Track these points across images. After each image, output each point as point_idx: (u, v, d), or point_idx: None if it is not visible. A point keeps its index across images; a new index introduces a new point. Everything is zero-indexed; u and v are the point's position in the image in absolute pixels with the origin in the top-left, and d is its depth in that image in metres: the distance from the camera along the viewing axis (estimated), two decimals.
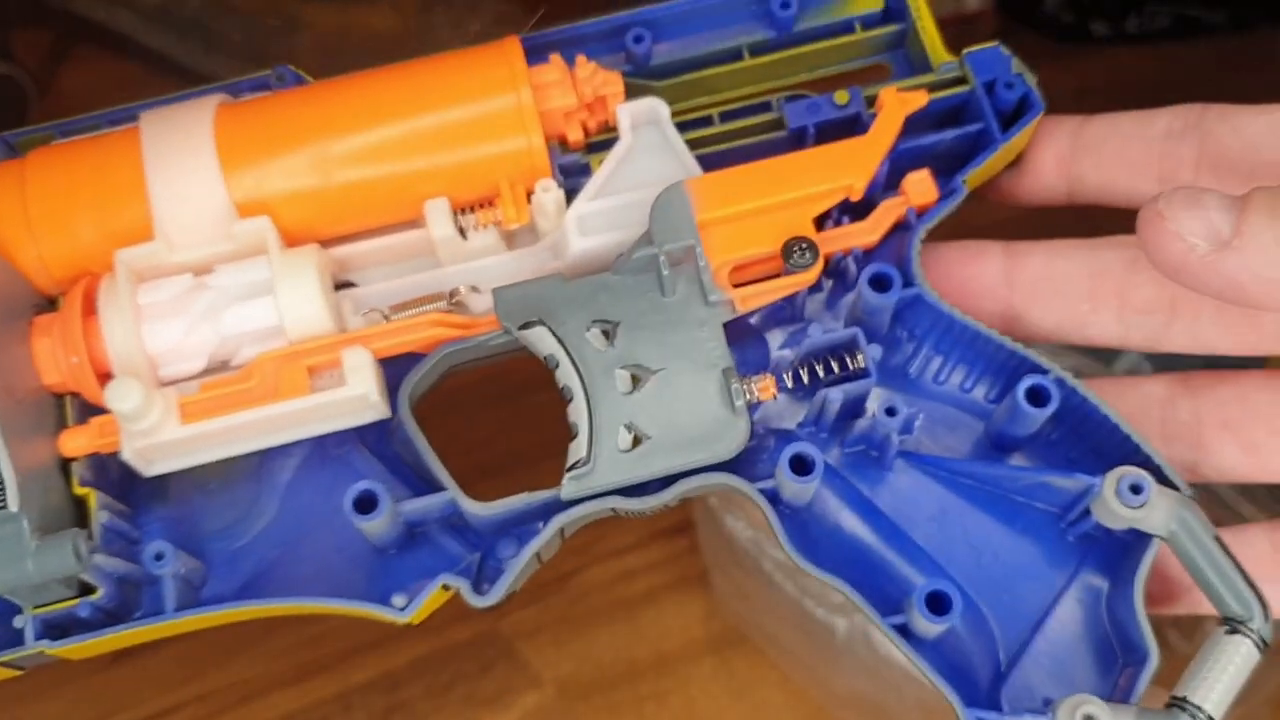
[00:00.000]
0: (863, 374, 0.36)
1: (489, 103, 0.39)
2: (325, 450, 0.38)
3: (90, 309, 0.37)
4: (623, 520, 0.37)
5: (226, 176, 0.37)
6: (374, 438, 0.38)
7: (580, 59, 0.40)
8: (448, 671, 0.50)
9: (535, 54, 0.40)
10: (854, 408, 0.37)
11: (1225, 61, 0.70)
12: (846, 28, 0.44)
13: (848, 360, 0.36)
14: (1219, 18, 0.71)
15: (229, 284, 0.37)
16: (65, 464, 0.36)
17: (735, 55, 0.43)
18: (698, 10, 0.43)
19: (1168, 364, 0.45)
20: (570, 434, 0.37)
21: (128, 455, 0.35)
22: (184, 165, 0.37)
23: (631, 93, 0.41)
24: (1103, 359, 0.61)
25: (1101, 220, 0.41)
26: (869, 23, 0.44)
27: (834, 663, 0.56)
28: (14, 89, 0.69)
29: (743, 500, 0.38)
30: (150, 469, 0.36)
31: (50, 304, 0.38)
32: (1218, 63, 0.70)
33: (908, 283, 0.37)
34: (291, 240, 0.38)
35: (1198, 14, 0.71)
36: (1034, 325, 0.40)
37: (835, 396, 0.36)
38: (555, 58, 0.40)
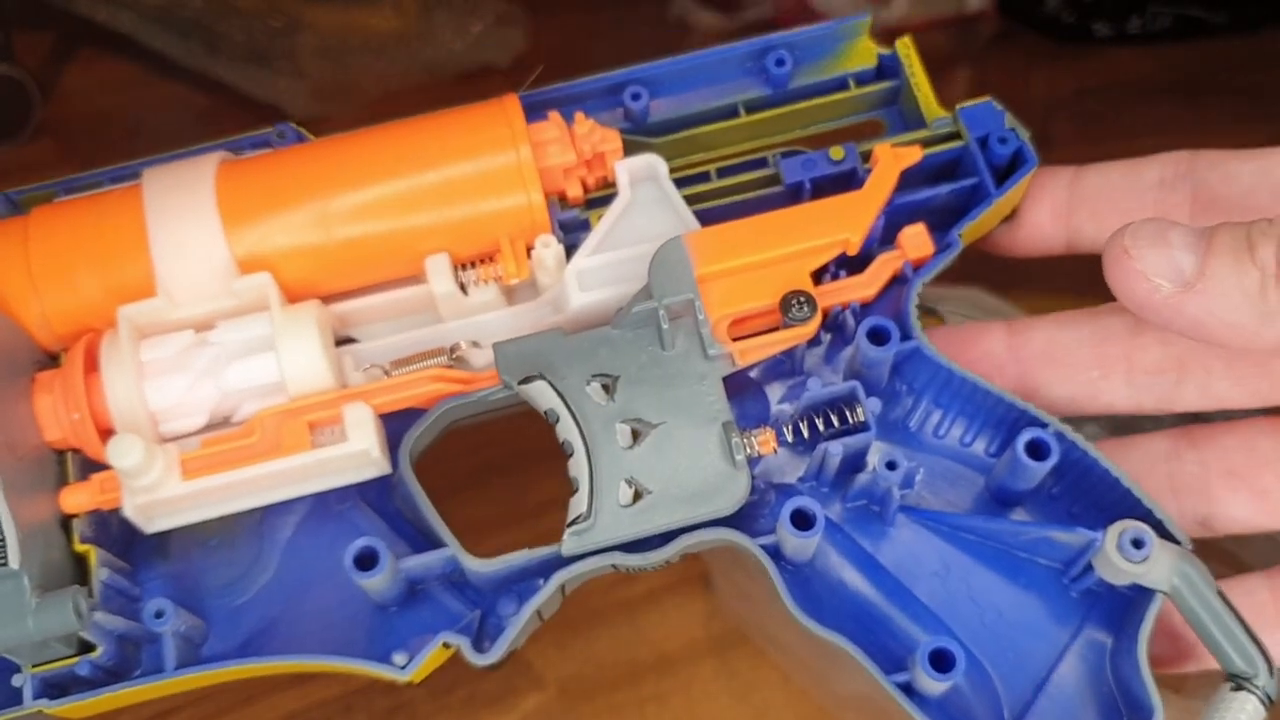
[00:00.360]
0: (863, 427, 0.36)
1: (489, 160, 0.39)
2: (326, 507, 0.38)
3: (92, 365, 0.37)
4: None
5: (228, 233, 0.38)
6: (374, 494, 0.38)
7: (579, 116, 0.41)
8: (449, 672, 0.49)
9: (534, 111, 0.41)
10: (854, 462, 0.37)
11: (1227, 62, 0.70)
12: (840, 84, 0.44)
13: (847, 414, 0.37)
14: (1221, 18, 0.71)
15: (230, 340, 0.37)
16: (66, 521, 0.36)
17: (731, 112, 0.44)
18: (694, 68, 0.44)
19: None
20: (571, 487, 0.37)
21: (129, 512, 0.35)
22: (186, 222, 0.38)
23: (629, 149, 0.41)
24: None
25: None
26: (863, 79, 0.44)
27: (835, 664, 0.56)
28: (17, 90, 0.69)
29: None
30: (151, 526, 0.36)
31: (52, 360, 0.38)
32: (1219, 64, 0.70)
33: (905, 336, 0.38)
34: (293, 296, 0.38)
35: (1199, 15, 0.71)
36: (1047, 399, 0.40)
37: (836, 450, 0.36)
38: (554, 115, 0.41)
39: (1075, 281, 0.42)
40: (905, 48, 0.44)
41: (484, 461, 0.50)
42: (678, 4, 0.83)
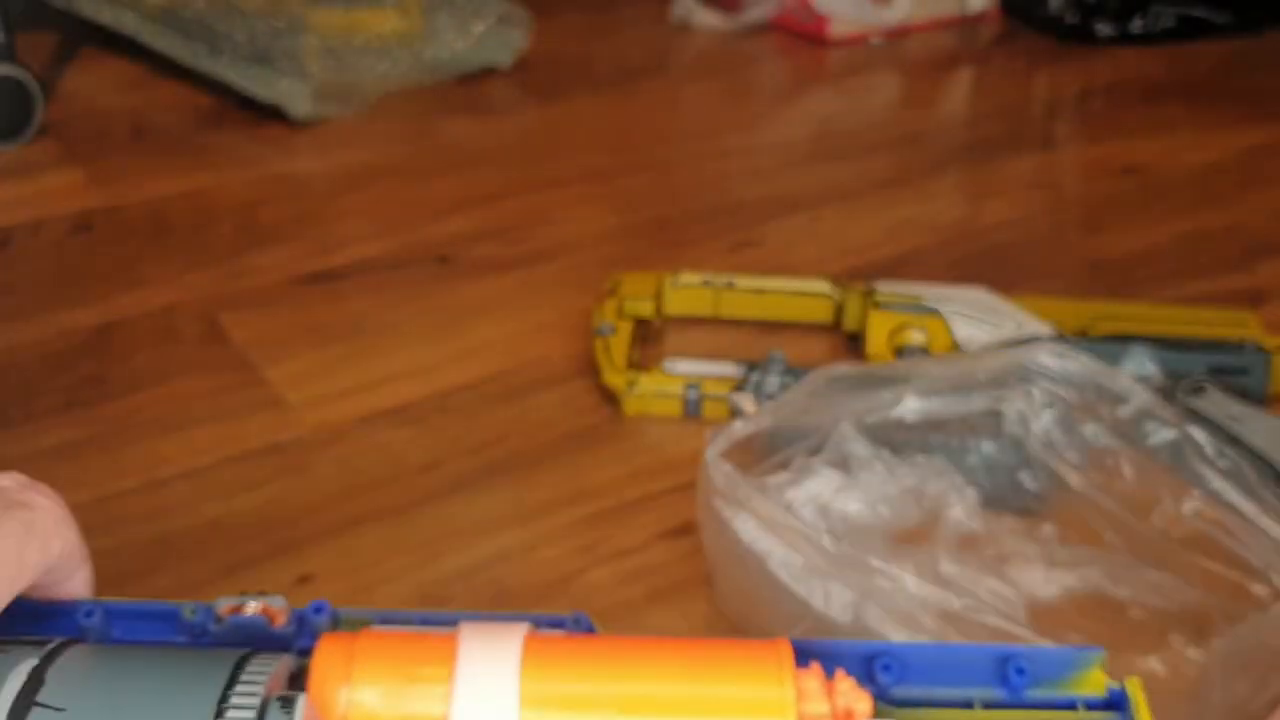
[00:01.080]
0: None
1: (758, 690, 0.43)
2: None
3: None
4: (627, 521, 0.36)
5: (523, 695, 0.42)
6: None
7: (839, 672, 0.45)
8: None
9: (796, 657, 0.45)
10: None
11: (1229, 63, 0.69)
12: (1070, 704, 0.48)
13: None
14: (1224, 18, 0.71)
15: None
16: None
17: (967, 704, 0.47)
18: (941, 659, 0.48)
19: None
20: None
21: None
22: (490, 674, 0.42)
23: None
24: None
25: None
26: (1092, 705, 0.48)
27: None
28: (20, 91, 0.72)
29: (746, 498, 0.41)
30: None
31: None
32: (1222, 64, 0.69)
33: None
34: None
35: (1203, 15, 0.72)
36: None
37: None
38: (816, 665, 0.45)
39: (1074, 283, 0.41)
40: (1134, 687, 0.48)
41: (480, 464, 0.47)
42: (680, 4, 0.86)
